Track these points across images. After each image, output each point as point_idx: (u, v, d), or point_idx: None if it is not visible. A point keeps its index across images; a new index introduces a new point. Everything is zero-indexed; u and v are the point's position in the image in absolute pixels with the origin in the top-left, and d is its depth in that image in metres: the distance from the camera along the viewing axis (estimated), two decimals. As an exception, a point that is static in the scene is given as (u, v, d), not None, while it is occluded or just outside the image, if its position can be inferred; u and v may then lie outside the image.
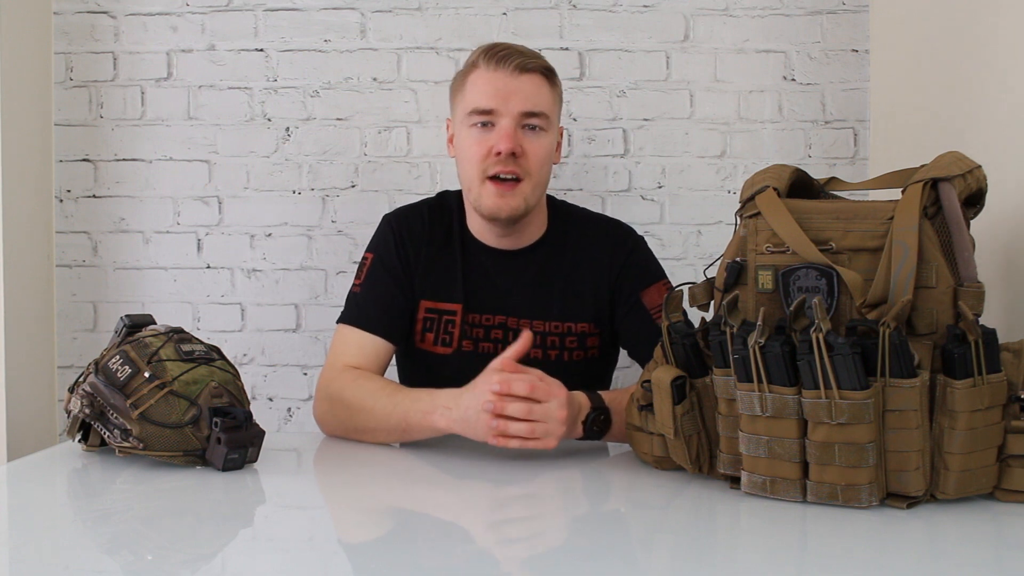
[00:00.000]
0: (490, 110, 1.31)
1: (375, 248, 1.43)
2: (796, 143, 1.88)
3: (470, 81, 1.34)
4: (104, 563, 0.78)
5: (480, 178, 1.32)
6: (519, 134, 1.31)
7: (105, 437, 1.08)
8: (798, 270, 0.98)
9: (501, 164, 1.30)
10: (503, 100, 1.30)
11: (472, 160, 1.33)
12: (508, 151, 1.29)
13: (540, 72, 1.34)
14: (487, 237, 1.41)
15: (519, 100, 1.31)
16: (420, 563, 0.80)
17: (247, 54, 1.88)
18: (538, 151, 1.33)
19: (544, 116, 1.33)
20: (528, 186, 1.33)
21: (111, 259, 1.90)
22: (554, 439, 1.12)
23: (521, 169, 1.31)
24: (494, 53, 1.32)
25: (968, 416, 0.90)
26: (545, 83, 1.34)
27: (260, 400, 1.90)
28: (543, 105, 1.33)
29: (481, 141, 1.32)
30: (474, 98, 1.32)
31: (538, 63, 1.34)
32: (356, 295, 1.40)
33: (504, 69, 1.31)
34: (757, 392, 0.93)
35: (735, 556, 0.84)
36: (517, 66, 1.31)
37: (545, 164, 1.35)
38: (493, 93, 1.31)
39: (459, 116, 1.36)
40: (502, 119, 1.31)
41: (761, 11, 1.87)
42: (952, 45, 1.50)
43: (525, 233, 1.41)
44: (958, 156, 1.00)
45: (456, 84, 1.38)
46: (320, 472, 1.21)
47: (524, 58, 1.32)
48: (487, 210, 1.33)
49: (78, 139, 1.88)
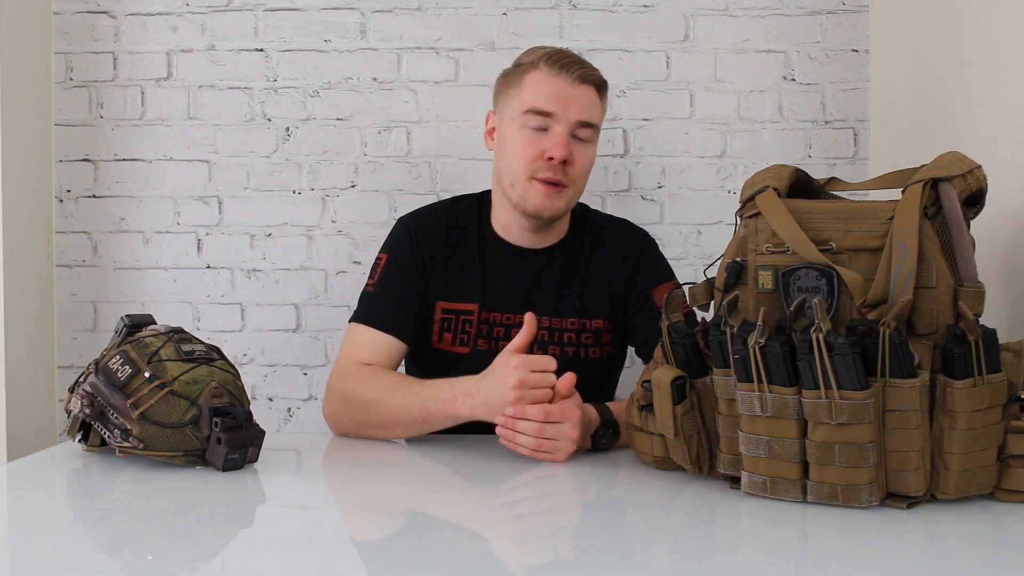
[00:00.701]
0: (549, 113, 1.32)
1: (390, 249, 1.44)
2: (796, 143, 1.88)
3: (528, 80, 1.34)
4: (104, 563, 0.78)
5: (527, 177, 1.34)
6: (570, 142, 1.33)
7: (105, 437, 1.08)
8: (798, 270, 0.98)
9: (551, 171, 1.33)
10: (562, 106, 1.32)
11: (521, 158, 1.34)
12: (561, 159, 1.32)
13: (597, 85, 1.36)
14: (512, 234, 1.42)
15: (576, 109, 1.33)
16: (420, 563, 0.80)
17: (247, 54, 1.88)
18: (584, 162, 1.36)
19: (594, 128, 1.36)
20: (571, 192, 1.36)
21: (111, 259, 1.90)
22: (564, 455, 1.15)
23: (567, 177, 1.34)
24: (558, 58, 1.34)
25: (968, 416, 0.90)
26: (599, 96, 1.37)
27: (260, 400, 1.90)
28: (596, 117, 1.36)
29: (533, 142, 1.33)
30: (532, 98, 1.33)
31: (596, 76, 1.36)
32: (369, 295, 1.40)
33: (566, 76, 1.33)
34: (757, 392, 0.93)
35: (735, 556, 0.84)
36: (579, 76, 1.33)
37: (587, 174, 1.39)
38: (553, 97, 1.32)
39: (510, 112, 1.36)
40: (557, 125, 1.32)
41: (761, 11, 1.87)
42: (952, 45, 1.50)
43: (551, 233, 1.43)
44: (958, 156, 1.00)
45: (509, 80, 1.38)
46: (321, 472, 1.21)
47: (585, 69, 1.34)
48: (532, 208, 1.35)
49: (78, 139, 1.88)
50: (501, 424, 1.14)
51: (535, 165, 1.33)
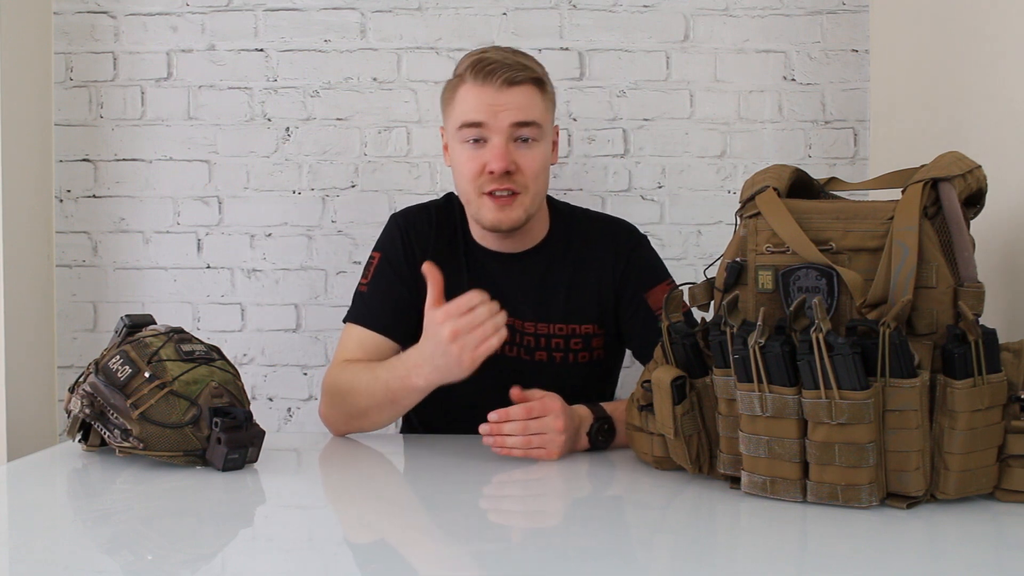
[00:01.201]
0: (479, 123, 1.29)
1: (382, 247, 1.43)
2: (796, 143, 1.88)
3: (459, 95, 1.32)
4: (104, 563, 0.78)
5: (477, 193, 1.32)
6: (511, 149, 1.30)
7: (105, 437, 1.08)
8: (798, 270, 0.98)
9: (496, 182, 1.30)
10: (492, 115, 1.29)
11: (466, 176, 1.32)
12: (501, 170, 1.29)
13: (529, 82, 1.31)
14: (489, 242, 1.41)
15: (508, 114, 1.29)
16: (420, 563, 0.80)
17: (247, 54, 1.88)
18: (532, 163, 1.32)
19: (536, 125, 1.31)
20: (527, 198, 1.32)
21: (111, 259, 1.90)
22: (556, 449, 1.15)
23: (517, 184, 1.31)
24: (481, 67, 1.29)
25: (968, 416, 0.90)
26: (535, 91, 1.32)
27: (260, 400, 1.90)
28: (534, 115, 1.31)
29: (474, 158, 1.31)
30: (463, 113, 1.31)
31: (526, 74, 1.30)
32: (362, 294, 1.40)
33: (491, 84, 1.29)
34: (757, 392, 0.93)
35: (735, 556, 0.84)
36: (505, 80, 1.28)
37: (541, 174, 1.34)
38: (482, 107, 1.29)
39: (450, 129, 1.35)
40: (493, 136, 1.29)
41: (761, 11, 1.87)
42: (952, 45, 1.50)
43: (527, 237, 1.40)
44: (958, 156, 1.00)
45: (446, 95, 1.36)
46: (321, 472, 1.21)
47: (511, 71, 1.29)
48: (488, 223, 1.33)
49: (78, 139, 1.88)
50: (487, 432, 1.15)
51: (480, 180, 1.31)
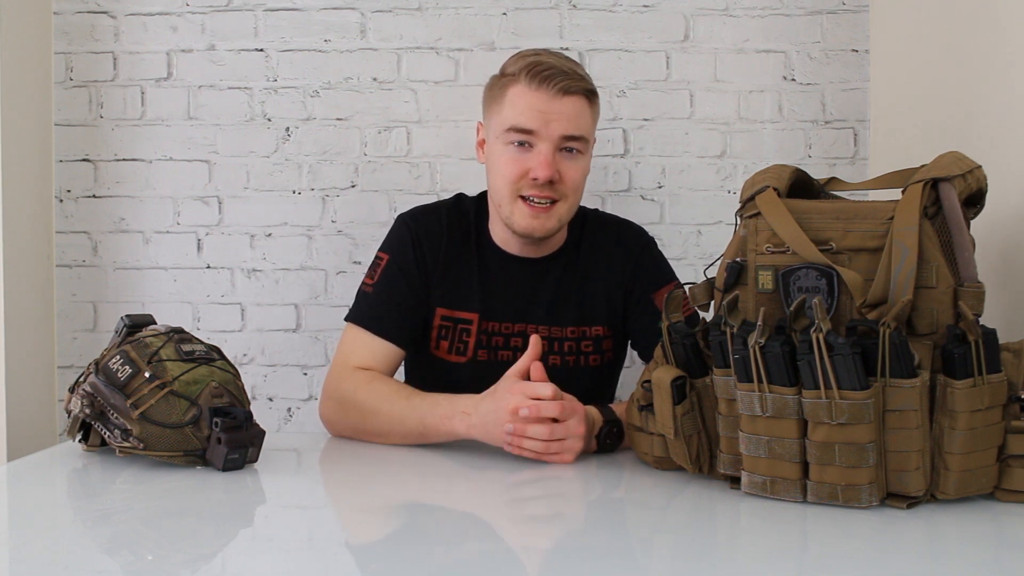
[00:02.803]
0: (530, 130, 1.28)
1: (391, 248, 1.40)
2: (796, 143, 1.88)
3: (510, 96, 1.30)
4: (104, 563, 0.78)
5: (512, 196, 1.31)
6: (557, 158, 1.29)
7: (105, 437, 1.08)
8: (798, 270, 0.98)
9: (537, 189, 1.29)
10: (544, 123, 1.27)
11: (506, 177, 1.30)
12: (546, 179, 1.27)
13: (582, 94, 1.30)
14: (511, 246, 1.39)
15: (560, 124, 1.27)
16: (420, 563, 0.80)
17: (247, 54, 1.88)
18: (575, 175, 1.31)
19: (583, 139, 1.31)
20: (564, 207, 1.32)
21: (111, 259, 1.90)
22: (572, 455, 1.14)
23: (557, 193, 1.30)
24: (538, 72, 1.27)
25: (968, 416, 0.90)
26: (586, 104, 1.31)
27: (260, 400, 1.90)
28: (583, 128, 1.30)
29: (517, 160, 1.29)
30: (513, 116, 1.29)
31: (581, 85, 1.30)
32: (368, 295, 1.37)
33: (547, 89, 1.27)
34: (757, 392, 0.93)
35: (735, 556, 0.84)
36: (562, 88, 1.27)
37: (581, 186, 1.34)
38: (535, 114, 1.27)
39: (495, 128, 1.32)
40: (541, 143, 1.28)
41: (761, 11, 1.87)
42: (952, 45, 1.50)
43: (549, 244, 1.40)
44: (958, 156, 1.00)
45: (494, 92, 1.34)
46: (321, 472, 1.21)
47: (568, 80, 1.28)
48: (520, 229, 1.32)
49: (78, 139, 1.88)
50: (508, 432, 1.12)
51: (520, 183, 1.30)
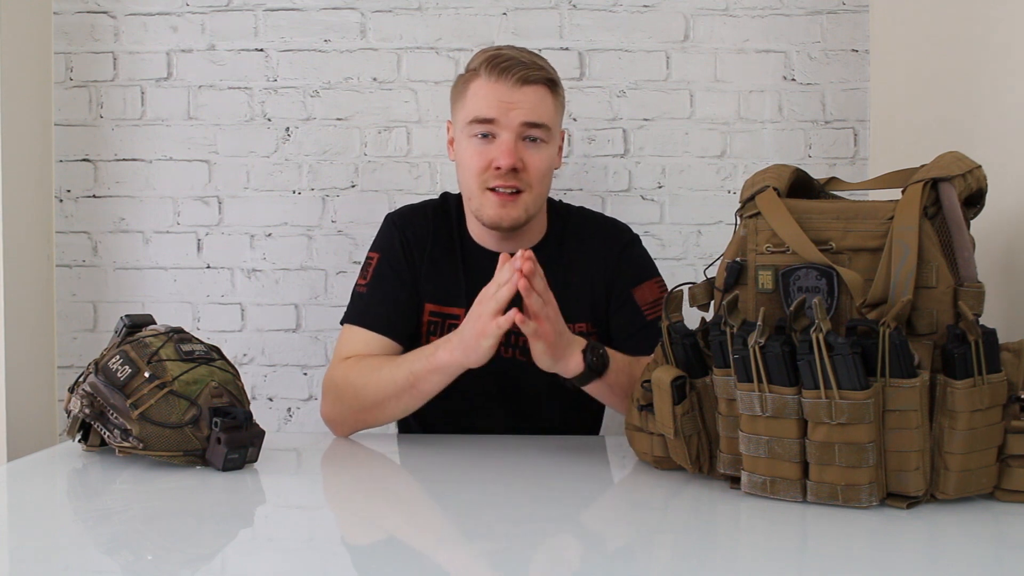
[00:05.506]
0: (491, 119, 1.30)
1: (380, 247, 1.43)
2: (796, 143, 1.88)
3: (471, 89, 1.33)
4: (104, 563, 0.78)
5: (480, 188, 1.33)
6: (520, 147, 1.31)
7: (105, 437, 1.08)
8: (798, 270, 0.98)
9: (501, 178, 1.31)
10: (504, 112, 1.30)
11: (472, 170, 1.33)
12: (508, 167, 1.30)
13: (542, 83, 1.32)
14: (487, 241, 1.41)
15: (520, 112, 1.30)
16: (419, 563, 0.80)
17: (247, 54, 1.88)
18: (539, 164, 1.33)
19: (545, 128, 1.32)
20: (529, 197, 1.33)
21: (111, 259, 1.90)
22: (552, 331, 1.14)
23: (522, 182, 1.32)
24: (496, 63, 1.31)
25: (968, 416, 0.90)
26: (548, 93, 1.33)
27: (260, 400, 1.90)
28: (545, 116, 1.32)
29: (481, 152, 1.32)
30: (475, 107, 1.31)
31: (541, 74, 1.32)
32: (362, 295, 1.39)
33: (507, 79, 1.30)
34: (757, 392, 0.93)
35: (735, 556, 0.84)
36: (520, 78, 1.30)
37: (546, 175, 1.35)
38: (495, 103, 1.30)
39: (459, 123, 1.36)
40: (503, 132, 1.30)
41: (761, 11, 1.87)
42: (952, 45, 1.50)
43: (526, 237, 1.40)
44: (958, 156, 1.00)
45: (457, 89, 1.37)
46: (321, 472, 1.21)
47: (527, 69, 1.31)
48: (488, 219, 1.34)
49: (78, 139, 1.88)
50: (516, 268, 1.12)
51: (486, 175, 1.32)
